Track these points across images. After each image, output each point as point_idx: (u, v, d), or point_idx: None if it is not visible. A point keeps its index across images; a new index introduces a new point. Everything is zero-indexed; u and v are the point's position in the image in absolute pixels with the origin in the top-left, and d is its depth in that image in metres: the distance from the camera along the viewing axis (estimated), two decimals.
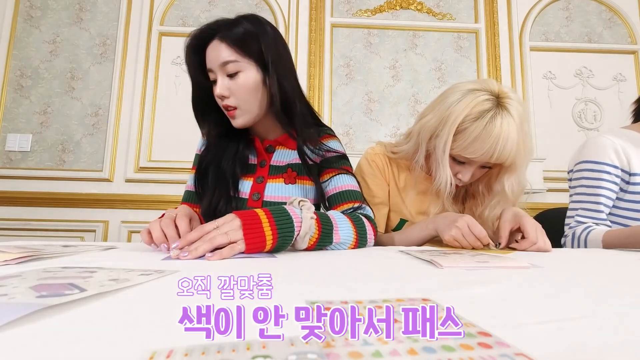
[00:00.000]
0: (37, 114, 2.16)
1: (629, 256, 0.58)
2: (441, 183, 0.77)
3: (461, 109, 0.72)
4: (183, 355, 0.15)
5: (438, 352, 0.16)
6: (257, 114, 0.76)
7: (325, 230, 0.58)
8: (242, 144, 0.81)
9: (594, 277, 0.39)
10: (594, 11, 2.40)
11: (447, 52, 2.33)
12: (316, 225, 0.57)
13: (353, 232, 0.64)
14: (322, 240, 0.58)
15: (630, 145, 0.91)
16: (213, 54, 0.71)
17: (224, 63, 0.70)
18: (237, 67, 0.71)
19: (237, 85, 0.71)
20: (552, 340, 0.18)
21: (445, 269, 0.40)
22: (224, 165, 0.78)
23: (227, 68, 0.70)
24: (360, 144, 2.22)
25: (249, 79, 0.72)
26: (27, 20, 2.23)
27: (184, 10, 2.29)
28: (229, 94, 0.72)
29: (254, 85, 0.73)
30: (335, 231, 0.60)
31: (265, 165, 0.81)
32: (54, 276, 0.31)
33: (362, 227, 0.66)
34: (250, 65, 0.72)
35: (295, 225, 0.53)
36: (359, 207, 0.73)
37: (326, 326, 0.19)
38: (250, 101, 0.73)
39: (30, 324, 0.19)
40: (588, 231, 0.86)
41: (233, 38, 0.71)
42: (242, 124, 0.75)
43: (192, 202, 0.83)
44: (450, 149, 0.75)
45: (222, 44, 0.70)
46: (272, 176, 0.80)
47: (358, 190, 0.77)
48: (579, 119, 2.31)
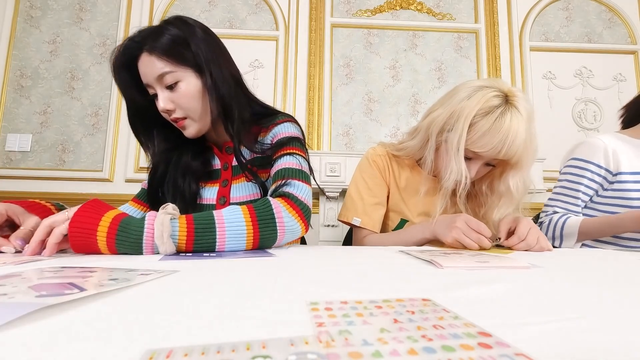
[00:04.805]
0: (37, 114, 2.16)
1: (629, 256, 0.58)
2: (450, 179, 0.75)
3: (474, 104, 0.73)
4: (183, 355, 0.15)
5: (438, 352, 0.16)
6: (208, 119, 0.72)
7: (199, 225, 0.53)
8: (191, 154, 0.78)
9: (594, 277, 0.39)
10: (593, 11, 2.40)
11: (447, 52, 2.33)
12: (183, 222, 0.52)
13: (246, 217, 0.56)
14: (199, 237, 0.52)
15: (623, 147, 0.97)
16: (146, 69, 0.67)
17: (160, 76, 0.66)
18: (175, 78, 0.67)
19: (179, 95, 0.67)
20: (552, 340, 0.18)
21: (445, 269, 0.40)
22: (180, 183, 0.75)
23: (165, 80, 0.66)
24: (360, 144, 2.22)
25: (190, 86, 0.68)
26: (27, 20, 2.23)
27: (184, 11, 2.29)
28: (173, 106, 0.68)
29: (197, 93, 0.69)
30: (218, 223, 0.54)
31: (228, 167, 0.79)
32: (54, 276, 0.31)
33: (263, 209, 0.58)
34: (187, 72, 0.68)
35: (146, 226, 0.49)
36: (282, 184, 0.65)
37: (326, 326, 0.19)
38: (197, 109, 0.70)
39: (30, 324, 0.19)
40: (565, 218, 0.92)
41: (162, 48, 0.65)
42: (195, 133, 0.72)
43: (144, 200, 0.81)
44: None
45: (151, 57, 0.66)
46: (235, 177, 0.78)
47: (290, 167, 0.69)
48: (578, 119, 2.31)
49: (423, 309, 0.23)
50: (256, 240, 0.57)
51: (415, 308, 0.23)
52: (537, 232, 0.68)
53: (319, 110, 2.21)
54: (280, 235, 0.59)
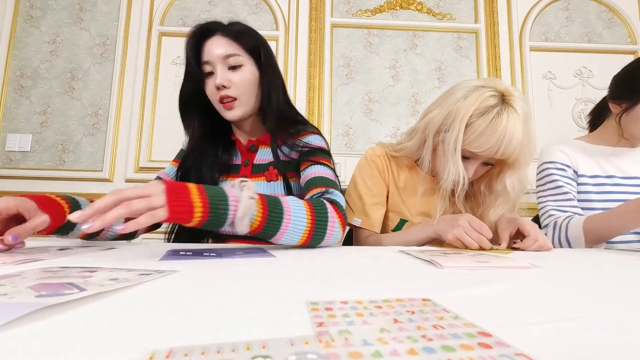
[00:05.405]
0: (37, 114, 2.16)
1: (629, 256, 0.58)
2: (448, 179, 0.75)
3: (470, 104, 0.72)
4: (183, 355, 0.15)
5: (438, 352, 0.16)
6: (252, 107, 0.78)
7: (272, 213, 0.53)
8: (221, 148, 0.81)
9: (594, 277, 0.39)
10: (593, 11, 2.40)
11: (447, 52, 2.33)
12: (260, 207, 0.52)
13: (308, 214, 0.57)
14: (269, 224, 0.52)
15: (579, 153, 0.99)
16: (214, 47, 0.73)
17: (227, 56, 0.73)
18: (239, 61, 0.74)
19: (239, 77, 0.74)
20: (552, 340, 0.18)
21: (445, 269, 0.40)
22: (205, 171, 0.78)
23: (229, 61, 0.73)
24: (360, 144, 2.22)
25: (249, 73, 0.75)
26: (27, 20, 2.23)
27: (184, 10, 2.28)
28: (229, 84, 0.74)
29: (254, 80, 0.76)
30: (286, 214, 0.54)
31: (249, 164, 0.82)
32: (54, 276, 0.31)
33: (321, 210, 0.59)
34: (250, 61, 0.76)
35: (230, 203, 0.49)
36: (325, 191, 0.69)
37: (326, 326, 0.19)
38: (249, 95, 0.76)
39: (30, 324, 0.19)
40: (570, 219, 0.89)
41: (235, 34, 0.75)
42: (238, 116, 0.76)
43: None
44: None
45: (224, 38, 0.74)
46: (255, 175, 0.81)
47: (328, 177, 0.73)
48: (578, 119, 2.31)
49: (423, 309, 0.23)
50: (308, 239, 0.57)
51: (415, 308, 0.23)
52: (540, 232, 0.68)
53: (319, 110, 2.21)
54: (327, 238, 0.59)
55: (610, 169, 0.96)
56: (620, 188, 0.94)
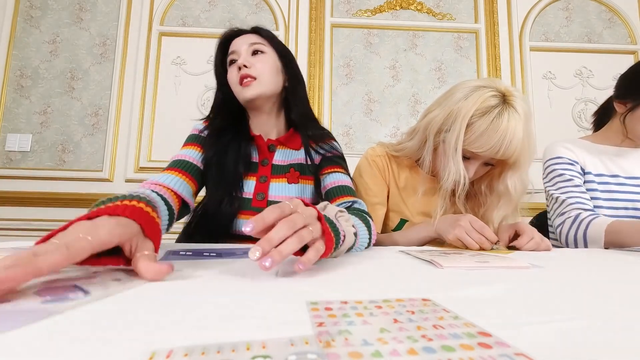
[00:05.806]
0: (37, 114, 2.16)
1: (629, 256, 0.58)
2: (448, 179, 0.75)
3: (471, 104, 0.72)
4: (183, 355, 0.15)
5: (438, 352, 0.16)
6: (271, 91, 0.79)
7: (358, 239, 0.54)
8: (244, 142, 0.80)
9: (594, 277, 0.39)
10: (593, 11, 2.40)
11: (447, 52, 2.33)
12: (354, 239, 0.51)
13: (367, 234, 0.61)
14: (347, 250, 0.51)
15: (584, 151, 0.99)
16: (241, 41, 0.80)
17: (252, 44, 0.79)
18: (262, 49, 0.79)
19: (260, 60, 0.78)
20: (552, 340, 0.18)
21: (445, 269, 0.40)
22: (228, 164, 0.75)
23: (253, 47, 0.79)
24: (360, 144, 2.22)
25: (271, 59, 0.80)
26: (27, 20, 2.23)
27: (184, 10, 2.28)
28: (250, 64, 0.77)
29: (275, 66, 0.80)
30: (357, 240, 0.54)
31: (268, 164, 0.80)
32: (57, 277, 0.31)
33: (369, 226, 0.63)
34: (273, 52, 0.81)
35: (340, 238, 0.44)
36: (355, 201, 0.74)
37: (326, 326, 0.19)
38: (269, 77, 0.78)
39: (30, 324, 0.19)
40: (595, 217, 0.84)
41: (260, 32, 0.82)
42: (254, 94, 0.77)
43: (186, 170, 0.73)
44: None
45: (251, 35, 0.81)
46: (275, 176, 0.79)
47: (352, 187, 0.79)
48: (578, 119, 2.31)
49: (423, 309, 0.23)
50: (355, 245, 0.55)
51: (415, 308, 0.23)
52: (539, 234, 0.68)
53: (319, 111, 2.21)
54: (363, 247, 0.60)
55: (615, 168, 0.96)
56: (625, 188, 0.94)
